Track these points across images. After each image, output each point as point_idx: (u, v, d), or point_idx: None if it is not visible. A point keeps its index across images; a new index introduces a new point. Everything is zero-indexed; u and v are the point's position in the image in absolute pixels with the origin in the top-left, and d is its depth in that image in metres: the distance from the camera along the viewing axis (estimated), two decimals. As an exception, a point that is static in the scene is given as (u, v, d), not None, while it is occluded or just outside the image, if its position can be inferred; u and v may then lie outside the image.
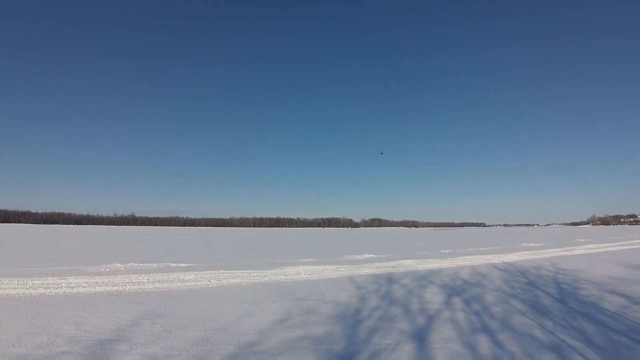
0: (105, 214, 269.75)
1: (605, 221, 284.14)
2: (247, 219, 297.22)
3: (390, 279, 14.98)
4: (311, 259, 23.32)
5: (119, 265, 18.38)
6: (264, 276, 15.40)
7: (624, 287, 13.06)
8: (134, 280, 13.68)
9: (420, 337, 7.21)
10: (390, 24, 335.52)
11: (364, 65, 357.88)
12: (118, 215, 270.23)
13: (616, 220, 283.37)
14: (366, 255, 26.34)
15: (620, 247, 34.58)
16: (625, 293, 11.91)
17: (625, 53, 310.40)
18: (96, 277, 14.32)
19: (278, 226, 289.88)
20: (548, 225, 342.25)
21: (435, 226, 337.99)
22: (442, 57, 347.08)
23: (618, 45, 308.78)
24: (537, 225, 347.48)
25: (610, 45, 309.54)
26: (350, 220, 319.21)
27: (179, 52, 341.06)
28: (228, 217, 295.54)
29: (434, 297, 11.19)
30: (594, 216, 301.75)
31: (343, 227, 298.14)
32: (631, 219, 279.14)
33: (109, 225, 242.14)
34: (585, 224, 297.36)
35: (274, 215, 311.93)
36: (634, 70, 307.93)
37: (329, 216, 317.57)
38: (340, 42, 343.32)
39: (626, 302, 10.52)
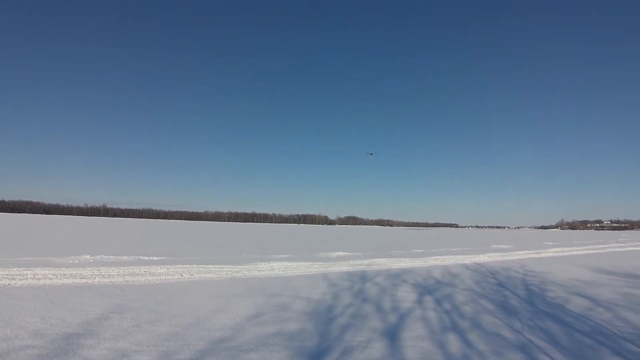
0: (75, 204, 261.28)
1: (573, 226, 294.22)
2: (222, 213, 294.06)
3: (363, 277, 15.09)
4: (285, 255, 23.24)
5: (88, 257, 17.86)
6: (237, 271, 15.27)
7: (588, 289, 13.55)
8: (103, 273, 13.33)
9: (392, 335, 7.28)
10: (377, 26, 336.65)
11: (344, 64, 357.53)
12: (89, 205, 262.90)
13: (583, 225, 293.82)
14: (340, 253, 26.43)
15: (586, 252, 35.84)
16: (590, 295, 12.36)
17: (594, 58, 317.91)
18: (64, 268, 13.88)
19: (253, 221, 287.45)
20: (518, 228, 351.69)
21: (409, 226, 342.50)
22: (422, 58, 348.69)
23: (597, 51, 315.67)
24: (508, 227, 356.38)
25: (591, 51, 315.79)
26: (326, 217, 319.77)
27: (160, 41, 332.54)
28: (202, 211, 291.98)
29: (406, 296, 11.34)
30: (562, 221, 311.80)
31: (318, 224, 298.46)
32: (597, 225, 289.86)
33: (79, 215, 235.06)
34: (554, 228, 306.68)
35: (249, 210, 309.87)
36: (601, 75, 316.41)
37: (305, 212, 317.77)
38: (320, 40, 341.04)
39: (591, 304, 10.91)
